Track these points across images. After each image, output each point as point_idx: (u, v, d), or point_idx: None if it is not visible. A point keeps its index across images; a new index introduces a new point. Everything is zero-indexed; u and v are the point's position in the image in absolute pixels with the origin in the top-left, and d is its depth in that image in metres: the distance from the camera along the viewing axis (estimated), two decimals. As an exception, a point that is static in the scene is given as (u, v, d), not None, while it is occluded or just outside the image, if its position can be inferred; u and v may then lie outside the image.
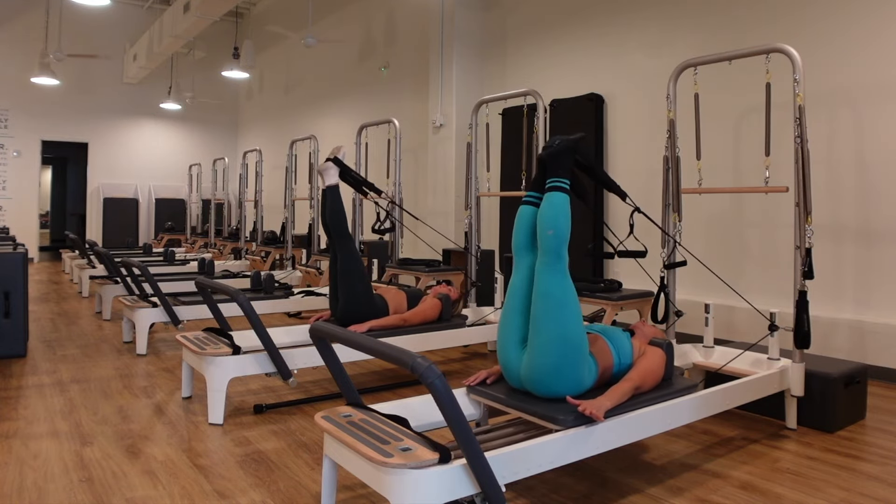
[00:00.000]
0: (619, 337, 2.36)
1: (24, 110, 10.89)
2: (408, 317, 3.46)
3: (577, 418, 1.99)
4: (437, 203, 6.72)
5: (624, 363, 2.31)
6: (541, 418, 2.04)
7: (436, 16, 6.71)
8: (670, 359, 2.41)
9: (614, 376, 2.29)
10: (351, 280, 3.35)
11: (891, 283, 3.73)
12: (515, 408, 2.14)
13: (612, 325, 2.48)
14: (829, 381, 2.77)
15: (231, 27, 12.78)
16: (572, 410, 2.01)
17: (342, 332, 1.79)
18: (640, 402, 2.18)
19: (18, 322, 3.98)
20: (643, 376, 2.23)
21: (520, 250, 2.29)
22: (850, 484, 2.25)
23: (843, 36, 3.95)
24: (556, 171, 2.24)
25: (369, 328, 3.30)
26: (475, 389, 2.32)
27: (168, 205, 12.15)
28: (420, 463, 1.61)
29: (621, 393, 2.09)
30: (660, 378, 2.33)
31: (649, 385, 2.26)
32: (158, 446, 2.54)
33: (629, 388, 2.13)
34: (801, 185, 2.72)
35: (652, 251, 4.98)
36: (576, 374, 2.10)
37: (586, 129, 5.44)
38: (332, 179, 3.45)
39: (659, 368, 2.32)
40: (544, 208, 2.18)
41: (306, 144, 9.69)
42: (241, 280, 5.64)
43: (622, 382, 2.15)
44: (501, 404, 2.20)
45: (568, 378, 2.09)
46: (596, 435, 2.00)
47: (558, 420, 1.98)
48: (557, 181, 2.22)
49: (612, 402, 2.04)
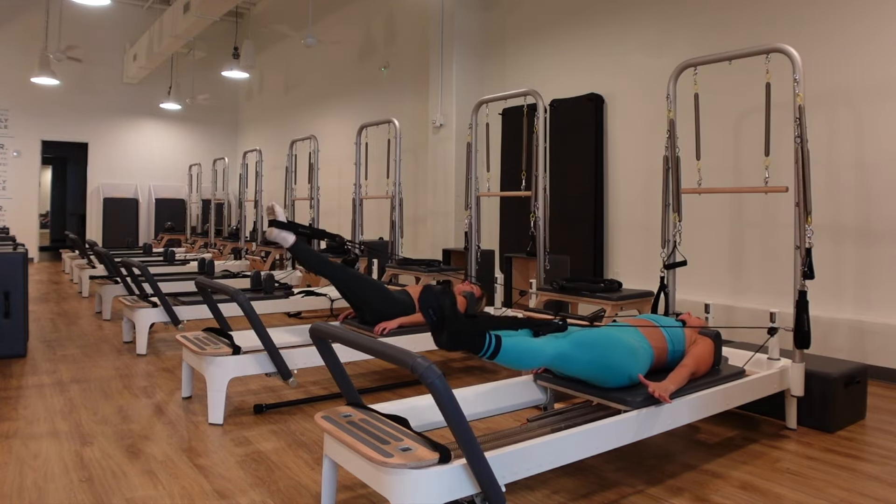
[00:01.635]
0: (672, 325, 2.54)
1: (24, 110, 10.89)
2: None
3: (645, 400, 2.16)
4: (437, 203, 6.72)
5: (677, 350, 2.48)
6: (611, 401, 2.22)
7: (436, 16, 6.71)
8: (719, 347, 2.59)
9: (668, 363, 2.46)
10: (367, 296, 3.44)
11: (891, 283, 3.73)
12: (584, 392, 2.31)
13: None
14: (829, 381, 2.77)
15: (231, 27, 12.77)
16: (640, 393, 2.19)
17: (342, 332, 1.79)
18: (697, 385, 2.39)
19: (18, 322, 3.98)
20: (698, 363, 2.43)
21: None
22: (850, 484, 2.25)
23: (843, 36, 3.95)
24: (474, 347, 1.95)
25: (399, 325, 3.37)
26: (543, 376, 2.48)
27: (168, 205, 12.15)
28: (420, 463, 1.61)
29: (681, 377, 2.30)
30: (710, 365, 2.54)
31: (703, 371, 2.48)
32: (158, 446, 2.54)
33: (687, 373, 2.34)
34: (801, 185, 2.72)
35: (653, 251, 4.98)
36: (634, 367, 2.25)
37: (586, 130, 5.44)
38: (288, 241, 3.41)
39: (710, 356, 2.52)
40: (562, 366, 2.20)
41: (306, 144, 9.69)
42: (241, 280, 5.64)
43: (680, 368, 2.35)
44: (570, 389, 2.36)
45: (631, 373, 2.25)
46: (663, 415, 2.20)
47: (627, 401, 2.16)
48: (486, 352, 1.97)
49: (675, 385, 2.25)
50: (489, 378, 3.62)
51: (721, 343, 2.61)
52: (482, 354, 1.96)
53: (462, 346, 1.92)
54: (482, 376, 3.70)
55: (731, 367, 2.64)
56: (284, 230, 3.40)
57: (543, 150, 4.13)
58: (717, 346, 2.58)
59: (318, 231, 3.74)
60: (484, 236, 6.52)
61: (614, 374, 2.21)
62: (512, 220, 6.15)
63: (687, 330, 2.59)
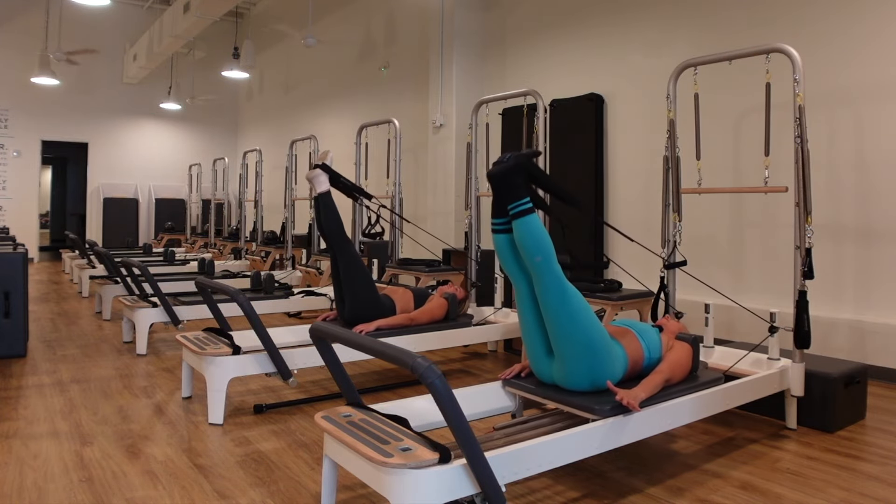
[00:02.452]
0: (649, 332, 2.44)
1: (24, 110, 10.89)
2: (415, 316, 3.47)
3: (614, 408, 2.07)
4: (437, 203, 6.72)
5: (653, 356, 2.39)
6: (578, 408, 2.12)
7: (436, 16, 6.71)
8: (696, 353, 2.50)
9: (644, 369, 2.38)
10: (355, 284, 3.36)
11: (891, 283, 3.73)
12: (552, 399, 2.23)
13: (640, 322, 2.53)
14: (829, 381, 2.77)
15: (231, 27, 12.78)
16: (609, 401, 2.09)
17: (342, 332, 1.79)
18: (670, 393, 2.29)
19: (18, 322, 3.98)
20: (673, 369, 2.34)
21: (513, 275, 2.32)
22: (850, 484, 2.25)
23: (843, 36, 3.95)
24: (511, 194, 2.19)
25: (377, 327, 3.32)
26: (510, 382, 2.39)
27: (168, 205, 12.15)
28: (420, 463, 1.61)
29: (654, 384, 2.19)
30: (688, 371, 2.44)
31: (679, 377, 2.37)
32: (158, 446, 2.54)
33: (661, 380, 2.23)
34: (801, 185, 2.72)
35: (652, 251, 4.98)
36: (606, 370, 2.18)
37: (586, 129, 5.44)
38: (323, 186, 3.42)
39: (687, 362, 2.43)
40: (521, 238, 2.16)
41: (306, 144, 9.69)
42: (241, 280, 5.64)
43: (654, 375, 2.25)
44: (538, 396, 2.28)
45: (600, 375, 2.18)
46: (632, 424, 2.09)
47: (595, 410, 2.07)
48: (518, 205, 2.18)
49: (646, 392, 2.14)
50: (489, 378, 3.62)
51: (699, 348, 2.52)
52: (513, 206, 2.14)
53: (506, 185, 2.17)
54: (482, 376, 3.70)
55: (710, 373, 2.53)
56: (327, 174, 3.41)
57: (543, 150, 4.13)
58: (695, 351, 2.49)
59: (359, 188, 3.70)
60: (484, 236, 6.52)
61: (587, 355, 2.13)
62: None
63: (664, 335, 2.51)
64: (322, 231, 3.43)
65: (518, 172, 2.20)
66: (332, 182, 3.49)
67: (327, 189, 3.43)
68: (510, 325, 3.86)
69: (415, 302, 3.67)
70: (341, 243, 3.36)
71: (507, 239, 2.29)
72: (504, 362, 4.09)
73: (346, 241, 3.38)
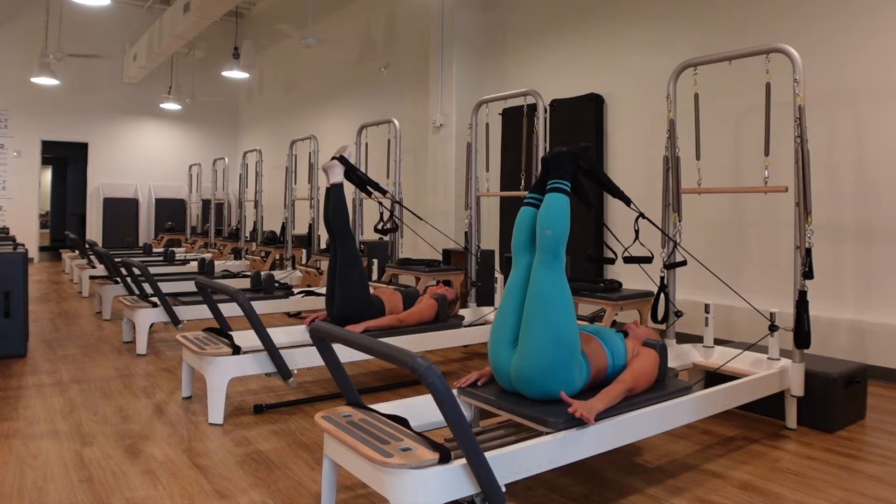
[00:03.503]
0: (613, 338, 2.33)
1: (24, 110, 10.89)
2: (404, 317, 3.45)
3: (567, 420, 1.95)
4: (437, 203, 6.72)
5: (618, 364, 2.28)
6: (531, 420, 2.01)
7: (436, 16, 6.71)
8: (664, 360, 2.37)
9: (607, 378, 2.26)
10: (349, 280, 3.35)
11: (891, 283, 3.73)
12: (506, 409, 2.11)
13: (606, 326, 2.46)
14: (829, 381, 2.77)
15: (231, 27, 12.78)
16: (562, 413, 1.97)
17: (342, 333, 1.79)
18: (632, 403, 2.15)
19: (18, 322, 3.98)
20: (636, 378, 2.21)
21: (519, 250, 2.29)
22: (850, 484, 2.25)
23: (843, 36, 3.95)
24: (558, 172, 2.26)
25: (365, 328, 3.29)
26: (466, 391, 2.28)
27: (168, 205, 12.15)
28: (420, 463, 1.61)
29: (613, 395, 2.07)
30: (653, 380, 2.30)
31: (642, 387, 2.23)
32: (158, 446, 2.54)
33: (622, 389, 2.11)
34: (801, 185, 2.72)
35: (653, 251, 4.98)
36: (567, 375, 2.08)
37: (586, 129, 5.44)
38: (338, 178, 3.45)
39: (652, 370, 2.29)
40: (543, 209, 2.19)
41: (306, 144, 9.69)
42: (241, 280, 5.64)
43: (615, 384, 2.13)
44: (492, 406, 2.17)
45: (559, 379, 2.06)
46: (586, 437, 1.97)
47: (548, 422, 1.95)
48: (558, 182, 2.23)
49: (604, 404, 2.01)
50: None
51: (666, 355, 2.39)
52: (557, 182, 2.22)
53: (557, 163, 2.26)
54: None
55: (678, 382, 2.39)
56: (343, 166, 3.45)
57: (543, 150, 4.13)
58: (663, 358, 2.36)
59: (373, 182, 3.72)
60: (484, 236, 6.52)
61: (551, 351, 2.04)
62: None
63: (629, 341, 2.41)
64: (327, 222, 3.44)
65: (572, 159, 2.29)
66: (346, 175, 3.51)
67: (341, 181, 3.46)
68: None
69: (404, 303, 3.65)
70: (345, 236, 3.38)
71: (532, 213, 2.29)
72: (504, 362, 4.08)
73: (349, 235, 3.39)
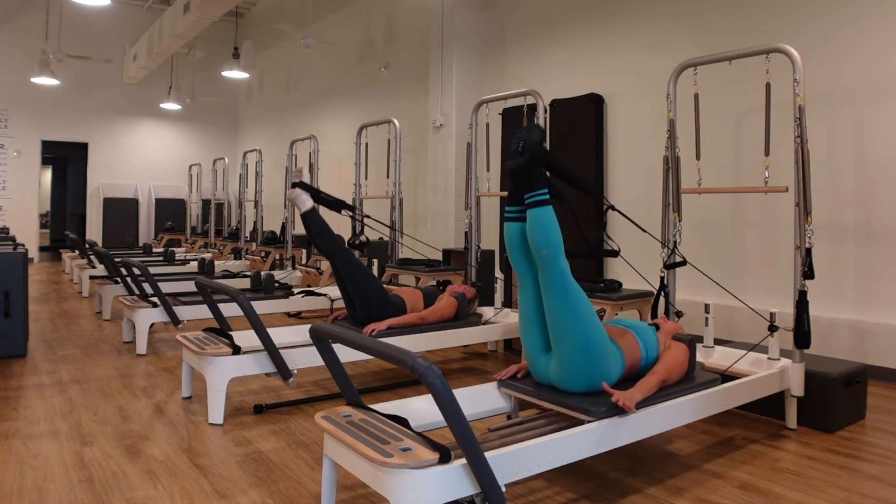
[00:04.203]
0: (646, 331, 2.42)
1: (24, 110, 10.89)
2: (426, 315, 3.50)
3: (610, 409, 2.06)
4: (437, 203, 6.72)
5: (651, 357, 2.38)
6: (574, 410, 2.11)
7: (436, 16, 6.71)
8: (693, 353, 2.49)
9: (641, 369, 2.36)
10: (362, 289, 3.39)
11: (891, 283, 3.73)
12: (547, 400, 2.21)
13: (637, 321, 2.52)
14: (829, 381, 2.77)
15: (231, 27, 12.78)
16: (604, 402, 2.08)
17: (342, 332, 1.79)
18: (667, 394, 2.27)
19: (18, 322, 3.98)
20: (669, 370, 2.32)
21: (519, 267, 2.31)
22: (850, 484, 2.25)
23: (843, 36, 3.95)
24: (530, 184, 2.18)
25: (388, 326, 3.34)
26: (506, 383, 2.38)
27: (168, 205, 12.15)
28: (420, 463, 1.61)
29: (650, 385, 2.18)
30: (685, 372, 2.43)
31: (675, 378, 2.36)
32: (158, 446, 2.54)
33: (657, 381, 2.22)
34: (801, 185, 2.72)
35: (653, 251, 4.98)
36: (603, 371, 2.17)
37: (586, 129, 5.44)
38: (307, 205, 3.39)
39: (684, 363, 2.41)
40: (532, 228, 2.16)
41: (306, 144, 9.69)
42: (241, 280, 5.64)
43: (650, 376, 2.23)
44: (533, 397, 2.27)
45: (596, 376, 2.16)
46: (627, 425, 2.08)
47: (591, 411, 2.05)
48: (535, 195, 2.17)
49: (642, 394, 2.12)
50: (489, 378, 3.62)
51: (695, 349, 2.52)
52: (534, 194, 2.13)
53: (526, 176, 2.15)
54: (482, 376, 3.70)
55: (706, 375, 2.52)
56: (307, 192, 3.39)
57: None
58: (692, 352, 2.49)
59: (340, 201, 3.66)
60: (484, 236, 6.52)
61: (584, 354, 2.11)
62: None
63: (660, 335, 2.50)
64: (316, 246, 3.44)
65: (537, 163, 2.21)
66: (314, 198, 3.46)
67: (311, 206, 3.40)
68: (510, 325, 3.86)
69: (424, 301, 3.70)
70: (339, 254, 3.37)
71: (519, 228, 2.28)
72: (504, 362, 4.09)
73: (342, 250, 3.38)
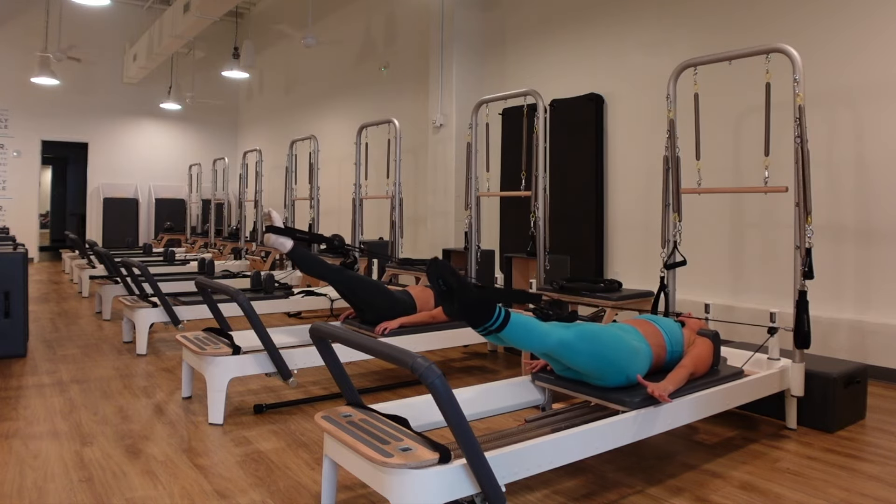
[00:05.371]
0: (671, 326, 2.52)
1: (24, 110, 10.89)
2: (436, 314, 3.55)
3: (644, 400, 2.16)
4: (437, 203, 6.72)
5: (676, 351, 2.47)
6: (609, 401, 2.20)
7: (436, 16, 6.71)
8: (718, 348, 2.58)
9: (668, 363, 2.46)
10: (370, 300, 3.44)
11: (891, 283, 3.73)
12: (582, 393, 2.29)
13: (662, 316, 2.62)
14: (829, 381, 2.77)
15: (231, 27, 12.77)
16: (638, 393, 2.18)
17: (342, 332, 1.79)
18: (695, 386, 2.39)
19: (18, 322, 3.98)
20: (696, 363, 2.42)
21: None
22: (850, 484, 2.25)
23: (843, 36, 3.95)
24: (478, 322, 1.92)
25: (400, 324, 3.38)
26: (539, 376, 2.46)
27: (168, 205, 12.15)
28: (420, 463, 1.61)
29: (680, 378, 2.29)
30: (710, 365, 2.53)
31: (701, 371, 2.46)
32: (158, 446, 2.54)
33: (685, 374, 2.33)
34: (801, 185, 2.72)
35: (652, 251, 4.98)
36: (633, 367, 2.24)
37: (586, 129, 5.44)
38: (286, 247, 3.40)
39: (709, 357, 2.51)
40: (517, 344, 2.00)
41: (306, 144, 9.69)
42: (241, 280, 5.64)
43: (678, 369, 2.34)
44: (568, 390, 2.35)
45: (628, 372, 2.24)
46: (662, 415, 2.19)
47: (625, 402, 2.14)
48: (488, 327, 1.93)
49: (673, 385, 2.24)
50: (489, 378, 3.62)
51: (720, 344, 2.62)
52: (490, 324, 1.91)
53: (472, 314, 1.90)
54: (482, 376, 3.70)
55: (729, 368, 2.63)
56: (282, 236, 3.40)
57: (543, 150, 4.13)
58: (717, 346, 2.58)
59: (316, 235, 3.76)
60: (484, 236, 6.52)
61: (614, 371, 2.20)
62: (512, 220, 6.15)
63: (686, 330, 2.59)
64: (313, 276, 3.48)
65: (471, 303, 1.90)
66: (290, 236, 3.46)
67: (291, 244, 3.41)
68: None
69: (434, 300, 3.72)
70: (336, 279, 3.41)
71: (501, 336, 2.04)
72: (504, 362, 4.09)
73: (336, 272, 3.42)
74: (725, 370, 2.60)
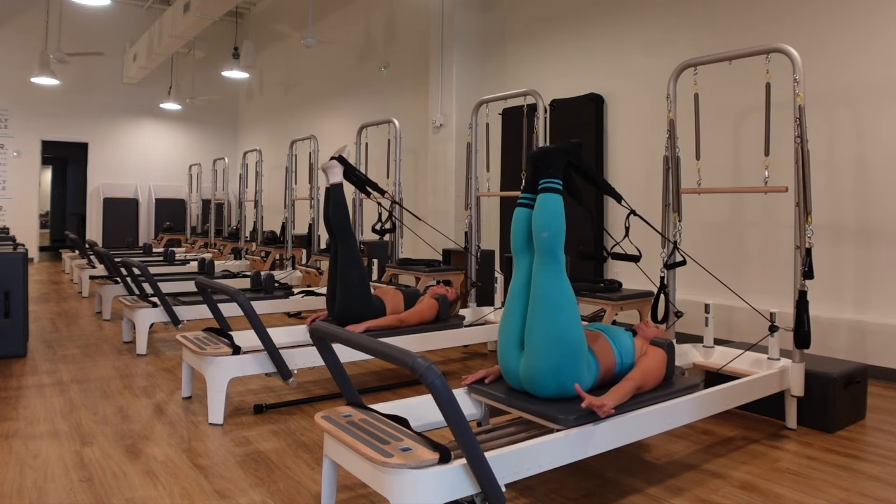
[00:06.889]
0: (622, 336, 2.35)
1: (24, 110, 10.89)
2: (405, 317, 3.45)
3: (579, 417, 1.98)
4: (437, 203, 6.72)
5: (626, 363, 2.30)
6: (542, 417, 2.03)
7: (436, 16, 6.71)
8: (671, 358, 2.40)
9: (616, 375, 2.28)
10: (349, 280, 3.35)
11: (891, 283, 3.73)
12: (516, 407, 2.14)
13: (613, 325, 2.47)
14: (829, 381, 2.77)
15: (231, 27, 12.78)
16: (573, 410, 2.00)
17: (342, 333, 1.79)
18: (641, 401, 2.17)
19: (18, 322, 3.98)
20: (645, 376, 2.22)
21: (518, 253, 2.30)
22: (850, 484, 2.25)
23: (843, 36, 3.95)
24: (548, 171, 2.24)
25: (366, 328, 3.29)
26: (476, 389, 2.31)
27: (168, 205, 12.15)
28: (420, 463, 1.61)
29: (624, 392, 2.08)
30: (661, 378, 2.32)
31: (651, 385, 2.26)
32: (158, 446, 2.54)
33: (631, 387, 2.12)
34: (801, 185, 2.72)
35: (652, 251, 4.98)
36: (575, 373, 2.10)
37: (586, 129, 5.44)
38: (337, 178, 3.47)
39: (660, 368, 2.31)
40: (538, 210, 2.18)
41: (306, 144, 9.69)
42: (241, 280, 5.64)
43: (624, 382, 2.14)
44: (502, 404, 2.20)
45: (567, 378, 2.09)
46: (597, 434, 1.99)
47: (559, 419, 1.97)
48: (549, 182, 2.21)
49: (614, 400, 2.02)
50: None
51: (674, 354, 2.41)
52: (545, 181, 2.21)
53: (546, 162, 2.25)
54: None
55: (685, 381, 2.41)
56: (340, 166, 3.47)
57: (543, 150, 4.13)
58: (671, 357, 2.39)
59: (372, 182, 3.75)
60: (484, 236, 6.52)
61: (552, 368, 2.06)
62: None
63: (637, 340, 2.43)
64: (328, 222, 3.45)
65: (561, 156, 2.27)
66: (346, 175, 3.53)
67: (340, 181, 3.48)
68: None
69: (405, 303, 3.66)
70: (345, 235, 3.39)
71: (528, 214, 2.30)
72: (504, 362, 4.08)
73: (350, 234, 3.41)
74: (680, 383, 2.37)
